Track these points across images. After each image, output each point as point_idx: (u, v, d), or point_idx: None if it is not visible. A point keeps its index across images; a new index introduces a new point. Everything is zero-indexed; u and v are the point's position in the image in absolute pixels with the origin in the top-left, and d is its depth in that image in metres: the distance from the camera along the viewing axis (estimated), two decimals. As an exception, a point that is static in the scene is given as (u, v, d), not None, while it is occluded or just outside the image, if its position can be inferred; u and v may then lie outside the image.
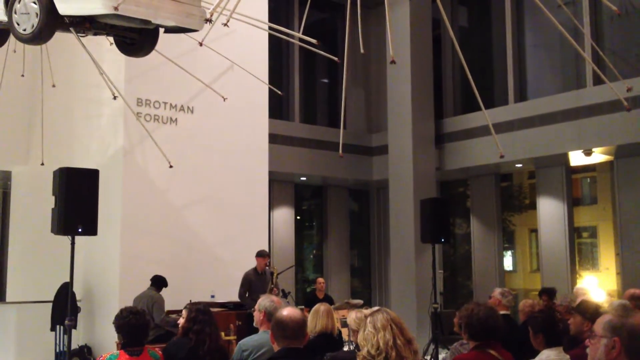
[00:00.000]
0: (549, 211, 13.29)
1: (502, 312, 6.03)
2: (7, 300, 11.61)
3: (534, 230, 13.97)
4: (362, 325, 3.36)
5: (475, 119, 13.33)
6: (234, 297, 9.64)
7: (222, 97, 9.70)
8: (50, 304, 9.50)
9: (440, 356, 8.97)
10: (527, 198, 14.74)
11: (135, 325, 4.45)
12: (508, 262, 14.93)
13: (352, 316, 5.47)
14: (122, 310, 4.56)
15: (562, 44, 13.23)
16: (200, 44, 7.21)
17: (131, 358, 4.40)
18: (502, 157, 6.94)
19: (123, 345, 4.51)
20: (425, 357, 9.36)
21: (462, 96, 14.78)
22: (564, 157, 12.61)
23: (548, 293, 9.89)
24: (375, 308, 3.55)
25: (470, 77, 6.02)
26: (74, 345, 8.44)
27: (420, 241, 10.38)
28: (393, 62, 5.50)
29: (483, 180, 14.60)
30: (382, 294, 16.33)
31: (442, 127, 14.40)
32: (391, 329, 3.25)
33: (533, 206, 13.93)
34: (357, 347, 4.85)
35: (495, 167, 13.80)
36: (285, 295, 9.62)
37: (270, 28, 9.84)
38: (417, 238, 11.71)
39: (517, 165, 13.76)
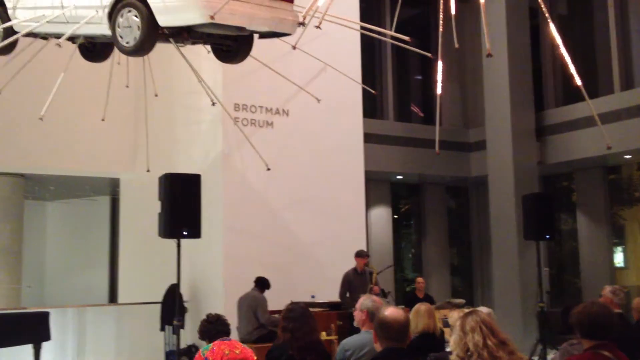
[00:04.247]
0: (662, 204, 12.59)
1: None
2: (119, 301, 12.19)
3: (646, 224, 13.31)
4: (453, 330, 3.36)
5: (578, 110, 12.81)
6: (334, 297, 9.68)
7: (317, 98, 9.77)
8: (159, 305, 9.87)
9: (549, 357, 8.68)
10: (637, 191, 14.04)
11: (213, 321, 4.90)
12: (619, 258, 14.25)
13: (454, 316, 5.37)
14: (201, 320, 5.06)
15: (671, 27, 12.50)
16: (294, 47, 7.30)
17: (223, 342, 4.67)
18: (609, 148, 6.65)
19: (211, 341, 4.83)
20: (533, 358, 9.05)
21: (564, 86, 14.24)
22: (677, 147, 11.92)
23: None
24: (467, 310, 3.53)
25: (572, 66, 5.78)
26: (182, 345, 8.73)
27: (523, 238, 10.07)
28: (490, 55, 5.37)
29: (589, 174, 14.01)
30: (485, 292, 15.96)
31: (543, 119, 13.95)
32: (480, 330, 3.24)
33: (645, 199, 13.28)
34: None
35: (601, 159, 13.20)
36: (385, 295, 9.56)
37: (362, 27, 9.82)
38: (519, 235, 11.39)
39: (625, 157, 13.11)
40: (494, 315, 4.74)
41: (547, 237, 9.70)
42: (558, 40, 5.82)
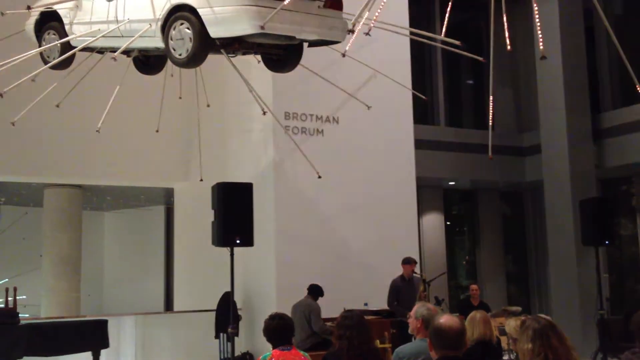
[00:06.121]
0: None
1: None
2: (175, 309, 12.37)
3: None
4: (519, 338, 3.31)
5: (636, 111, 12.47)
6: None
7: (367, 105, 9.73)
8: (214, 313, 9.97)
9: (610, 366, 8.42)
10: (700, 193, 13.55)
11: (278, 326, 4.83)
12: (682, 264, 13.77)
13: (511, 324, 5.28)
14: (267, 317, 4.95)
15: None
16: (344, 55, 7.29)
17: (282, 352, 4.76)
18: (670, 150, 6.44)
19: (273, 346, 4.84)
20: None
21: (621, 88, 13.86)
22: None
23: None
24: (524, 318, 3.47)
25: (629, 67, 5.62)
26: (236, 352, 8.79)
27: (581, 244, 9.84)
28: (544, 57, 5.27)
29: (649, 177, 13.60)
30: (542, 300, 15.61)
31: (600, 121, 13.61)
32: (548, 337, 3.21)
33: None
34: (518, 356, 4.66)
35: (663, 161, 12.81)
36: (439, 302, 9.45)
37: (411, 33, 9.75)
38: (577, 241, 11.11)
39: (687, 159, 12.69)
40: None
41: (607, 242, 9.49)
42: (614, 40, 5.66)
